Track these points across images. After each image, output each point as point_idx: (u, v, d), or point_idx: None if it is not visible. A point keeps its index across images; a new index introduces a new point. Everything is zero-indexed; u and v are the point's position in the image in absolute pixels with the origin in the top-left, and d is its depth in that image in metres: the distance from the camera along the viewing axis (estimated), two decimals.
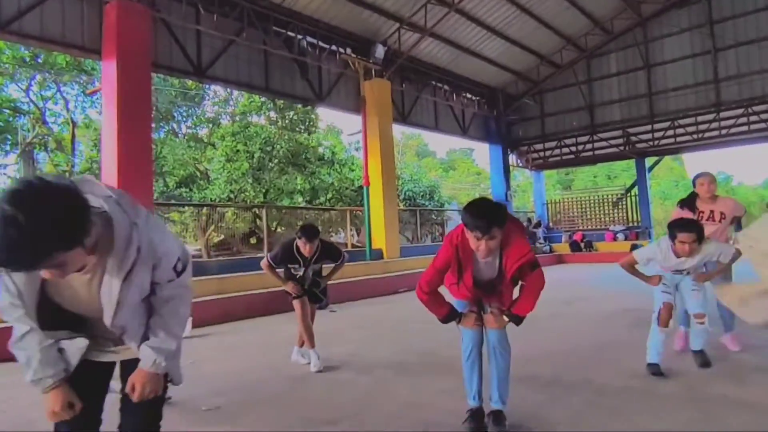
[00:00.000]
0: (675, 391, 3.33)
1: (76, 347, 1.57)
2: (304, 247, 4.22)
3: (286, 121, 15.97)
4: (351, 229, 14.03)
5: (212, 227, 14.33)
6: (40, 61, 14.27)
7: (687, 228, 3.44)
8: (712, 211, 4.32)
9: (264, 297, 7.75)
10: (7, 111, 15.18)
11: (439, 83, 14.69)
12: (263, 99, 15.25)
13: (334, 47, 11.57)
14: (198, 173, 15.64)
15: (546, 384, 3.61)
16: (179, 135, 16.58)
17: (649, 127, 16.04)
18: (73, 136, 15.11)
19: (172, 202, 14.69)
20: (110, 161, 7.75)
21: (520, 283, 2.75)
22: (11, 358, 1.60)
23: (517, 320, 2.76)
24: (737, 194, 28.94)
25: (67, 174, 14.67)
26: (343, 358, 4.67)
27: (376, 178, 11.76)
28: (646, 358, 3.70)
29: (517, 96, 17.19)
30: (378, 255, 11.61)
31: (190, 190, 15.14)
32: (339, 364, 4.44)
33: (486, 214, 2.42)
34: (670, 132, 15.80)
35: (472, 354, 2.83)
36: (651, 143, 16.26)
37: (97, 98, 13.57)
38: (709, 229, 3.97)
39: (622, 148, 16.65)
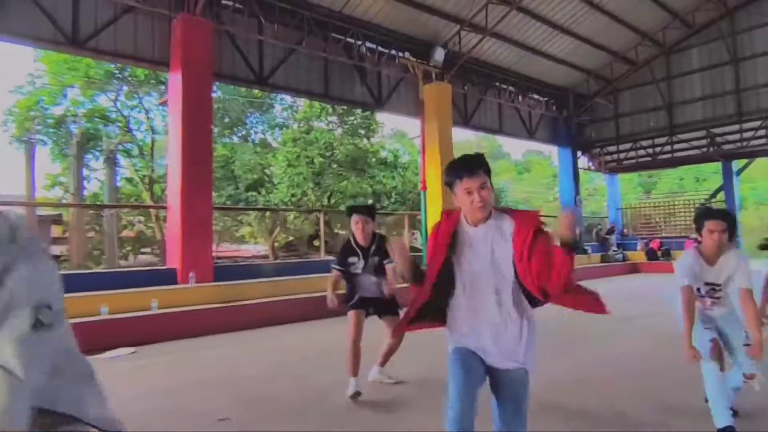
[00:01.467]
0: None
1: None
2: (358, 229, 4.15)
3: (347, 126, 16.41)
4: (412, 232, 14.16)
5: (277, 230, 14.98)
6: (126, 73, 15.60)
7: (716, 215, 3.11)
8: None
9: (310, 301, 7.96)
10: (98, 119, 16.69)
11: (503, 84, 14.51)
12: (324, 105, 15.75)
13: (393, 51, 11.75)
14: (266, 177, 16.39)
15: (571, 416, 3.39)
16: (250, 141, 17.46)
17: (736, 127, 14.98)
18: (153, 142, 16.31)
19: (228, 205, 15.56)
20: (175, 166, 8.33)
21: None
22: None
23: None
24: None
25: (147, 178, 15.92)
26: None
27: (434, 182, 11.80)
28: (714, 423, 2.89)
29: (588, 96, 16.63)
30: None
31: (259, 193, 15.93)
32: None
33: (466, 159, 2.14)
34: (762, 132, 14.67)
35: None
36: (739, 144, 15.17)
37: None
38: None
39: (705, 149, 15.65)
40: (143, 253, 16.49)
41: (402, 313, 2.82)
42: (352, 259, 4.22)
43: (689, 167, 23.89)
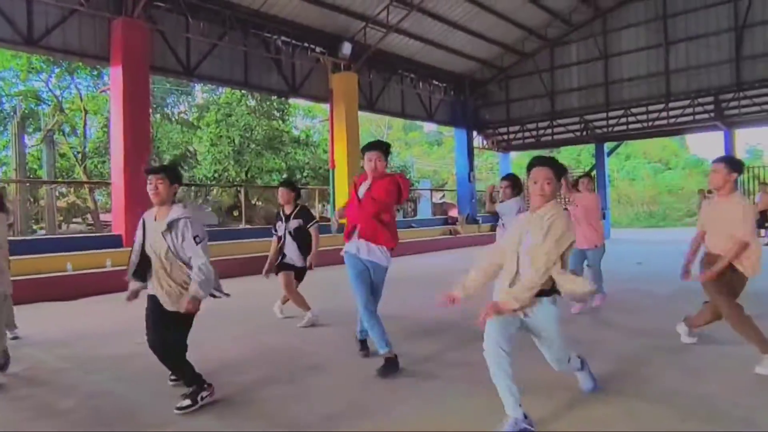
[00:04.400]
0: None
1: None
2: (283, 198, 5.82)
3: (264, 110, 18.92)
4: (322, 205, 17.00)
5: (200, 201, 17.41)
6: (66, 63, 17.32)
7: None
8: None
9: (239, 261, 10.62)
10: (31, 99, 18.39)
11: (406, 72, 17.33)
12: (244, 92, 18.23)
13: (306, 44, 14.21)
14: (189, 154, 18.72)
15: None
16: (171, 120, 19.66)
17: (604, 115, 18.53)
18: (85, 122, 18.23)
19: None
20: (118, 148, 10.61)
21: None
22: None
23: None
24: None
25: (80, 155, 17.95)
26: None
27: (342, 160, 14.53)
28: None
29: (483, 82, 19.78)
30: (344, 229, 14.49)
31: (183, 168, 18.25)
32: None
33: (372, 142, 4.31)
34: (623, 120, 18.30)
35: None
36: (606, 130, 18.79)
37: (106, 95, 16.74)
38: None
39: (578, 133, 19.24)
40: (75, 223, 18.45)
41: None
42: (278, 225, 5.84)
43: (570, 148, 27.92)
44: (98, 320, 6.60)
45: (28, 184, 17.52)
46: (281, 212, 5.91)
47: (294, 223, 5.74)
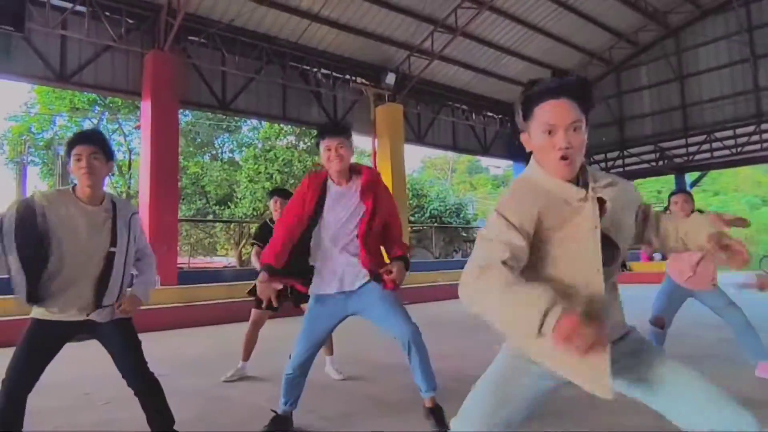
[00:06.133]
0: None
1: None
2: (276, 210, 4.63)
3: (305, 145, 18.73)
4: None
5: (243, 241, 17.13)
6: (108, 100, 18.12)
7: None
8: None
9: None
10: None
11: (457, 104, 16.62)
12: (282, 126, 18.08)
13: (347, 76, 13.87)
14: (233, 192, 18.71)
15: None
16: (219, 159, 19.90)
17: (682, 141, 16.90)
18: (130, 162, 18.78)
19: (194, 218, 17.83)
20: (145, 183, 10.43)
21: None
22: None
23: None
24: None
25: (123, 194, 18.39)
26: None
27: None
28: None
29: None
30: None
31: (228, 207, 18.21)
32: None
33: (333, 122, 3.68)
34: (706, 146, 16.56)
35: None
36: (686, 158, 17.04)
37: None
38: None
39: (654, 163, 17.59)
40: None
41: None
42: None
43: (653, 181, 25.87)
44: None
45: None
46: (272, 224, 4.68)
47: None
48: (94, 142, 2.57)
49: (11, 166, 18.66)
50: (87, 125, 19.51)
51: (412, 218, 20.75)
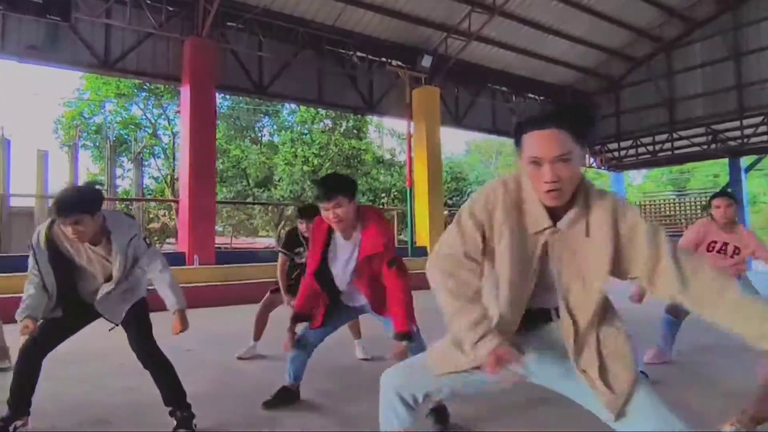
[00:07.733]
0: None
1: None
2: (302, 227, 4.68)
3: (341, 129, 19.01)
4: (401, 227, 16.46)
5: (282, 222, 17.68)
6: (152, 86, 19.02)
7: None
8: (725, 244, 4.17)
9: None
10: (132, 126, 20.44)
11: (497, 86, 16.48)
12: (318, 109, 18.44)
13: (383, 59, 13.98)
14: (273, 175, 19.30)
15: None
16: (259, 142, 20.52)
17: (737, 123, 16.22)
18: (173, 145, 19.60)
19: (234, 200, 18.47)
20: (185, 165, 10.94)
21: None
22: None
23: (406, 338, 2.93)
24: None
25: (168, 176, 19.25)
26: None
27: (422, 180, 13.94)
28: None
29: (587, 93, 18.30)
30: (422, 252, 13.74)
31: (268, 189, 18.82)
32: None
33: (326, 182, 2.98)
34: (763, 128, 15.86)
35: None
36: (742, 141, 16.38)
37: None
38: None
39: (706, 146, 16.97)
40: (168, 244, 19.51)
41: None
42: (297, 249, 4.82)
43: (708, 166, 24.82)
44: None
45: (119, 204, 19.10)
46: (303, 237, 4.79)
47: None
48: (70, 213, 2.57)
49: (65, 149, 19.86)
50: (136, 111, 20.52)
51: (450, 201, 20.84)
